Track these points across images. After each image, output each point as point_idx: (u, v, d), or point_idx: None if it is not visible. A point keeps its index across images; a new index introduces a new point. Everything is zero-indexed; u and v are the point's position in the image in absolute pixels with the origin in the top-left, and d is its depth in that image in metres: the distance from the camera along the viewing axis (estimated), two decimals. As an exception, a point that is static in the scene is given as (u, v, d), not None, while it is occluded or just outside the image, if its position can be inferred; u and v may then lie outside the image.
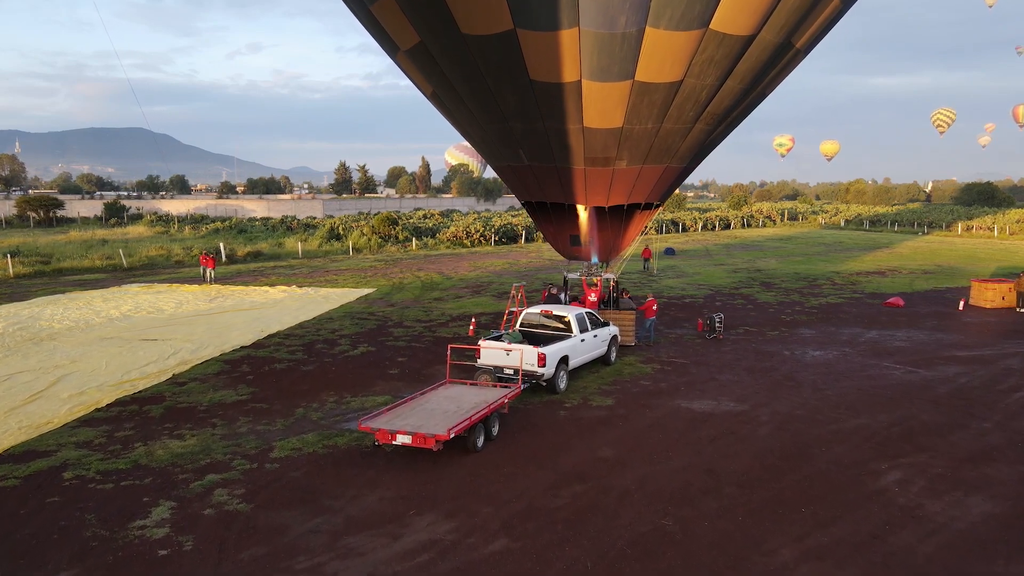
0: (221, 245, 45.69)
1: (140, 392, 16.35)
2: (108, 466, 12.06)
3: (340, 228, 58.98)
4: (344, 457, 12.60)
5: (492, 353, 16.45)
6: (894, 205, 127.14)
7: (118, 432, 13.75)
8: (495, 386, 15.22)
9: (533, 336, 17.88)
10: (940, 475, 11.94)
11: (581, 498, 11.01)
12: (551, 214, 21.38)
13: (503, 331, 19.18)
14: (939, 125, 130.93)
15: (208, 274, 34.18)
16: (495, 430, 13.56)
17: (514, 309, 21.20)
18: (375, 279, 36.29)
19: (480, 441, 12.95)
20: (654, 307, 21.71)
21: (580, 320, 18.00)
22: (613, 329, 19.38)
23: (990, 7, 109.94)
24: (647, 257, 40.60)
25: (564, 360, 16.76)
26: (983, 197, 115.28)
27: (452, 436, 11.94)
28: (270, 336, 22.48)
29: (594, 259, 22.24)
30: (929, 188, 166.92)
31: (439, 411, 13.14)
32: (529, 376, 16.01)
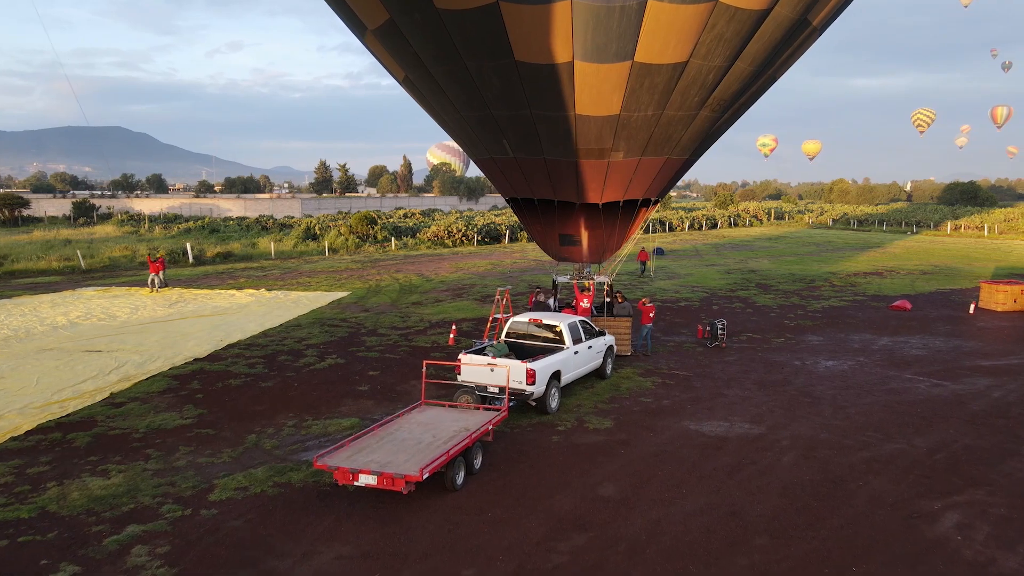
0: (188, 246, 43.32)
1: (68, 416, 14.19)
2: (8, 515, 9.95)
3: (316, 228, 56.76)
4: (297, 499, 10.57)
5: (474, 369, 14.47)
6: (878, 204, 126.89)
7: (31, 468, 11.62)
8: (478, 408, 13.24)
9: (520, 348, 15.93)
10: (1004, 518, 10.11)
11: (583, 554, 9.05)
12: (538, 212, 19.42)
13: (486, 342, 17.23)
14: (919, 125, 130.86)
15: (152, 280, 30.39)
16: (478, 462, 11.59)
17: (499, 316, 19.26)
18: (350, 281, 34.18)
19: (460, 477, 10.97)
20: (651, 314, 19.82)
21: (573, 329, 16.07)
22: (609, 339, 17.47)
23: (965, 7, 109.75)
24: (643, 260, 38.19)
25: (556, 376, 14.82)
26: (966, 196, 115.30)
27: (426, 477, 9.95)
28: (229, 346, 20.35)
29: (586, 263, 20.32)
30: (909, 188, 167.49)
31: (411, 442, 11.14)
32: (516, 395, 14.06)
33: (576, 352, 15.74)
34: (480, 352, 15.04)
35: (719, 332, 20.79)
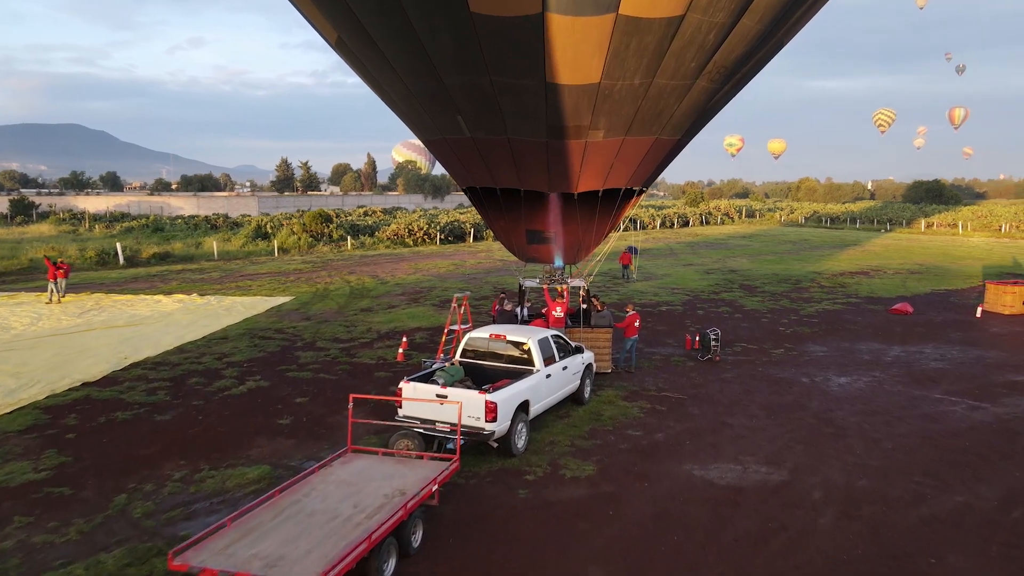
0: (118, 246, 39.49)
1: None
2: None
3: (268, 226, 53.05)
4: (155, 606, 7.40)
5: (419, 401, 11.37)
6: (845, 203, 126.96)
7: None
8: (420, 457, 10.13)
9: (479, 371, 12.88)
10: None
11: None
12: (501, 204, 16.36)
13: (438, 362, 14.14)
14: (880, 125, 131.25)
15: (51, 288, 25.99)
16: (416, 538, 8.52)
17: (456, 327, 16.17)
18: (296, 285, 30.80)
19: (390, 567, 7.89)
20: (636, 323, 16.89)
21: (544, 347, 13.05)
22: (587, 356, 14.50)
23: (921, 8, 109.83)
24: (626, 263, 33.75)
25: (524, 407, 11.79)
26: (931, 195, 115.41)
27: (333, 583, 6.84)
28: (133, 365, 16.98)
29: (558, 261, 17.33)
30: (871, 187, 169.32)
31: (323, 517, 8.02)
32: (472, 435, 11.01)
33: (548, 376, 12.72)
34: (428, 378, 11.97)
35: (712, 344, 17.94)
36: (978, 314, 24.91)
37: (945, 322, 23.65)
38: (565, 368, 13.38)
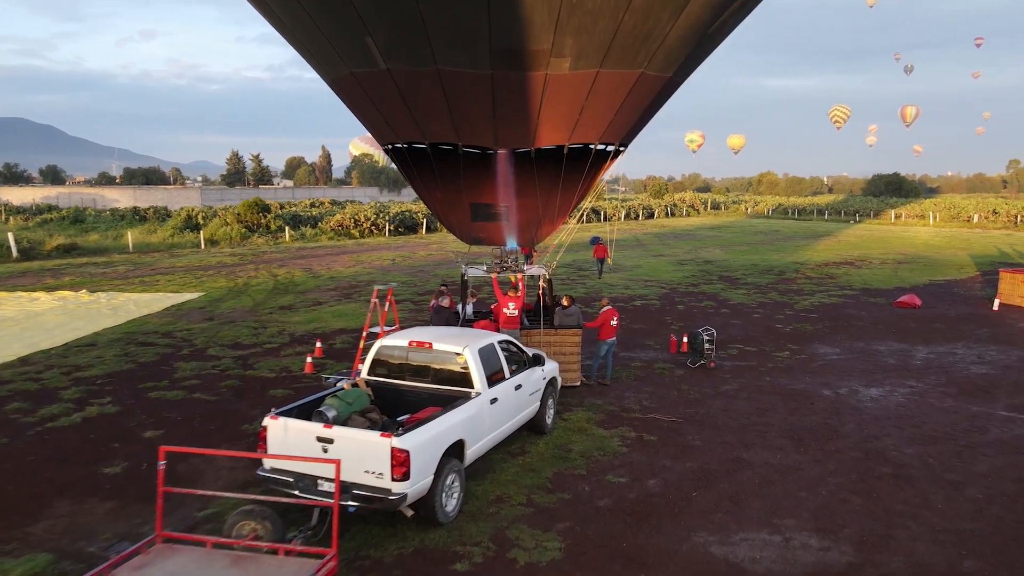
0: (11, 236, 34.57)
1: None
2: None
3: (200, 217, 48.27)
4: None
5: (293, 446, 7.40)
6: (806, 196, 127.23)
7: None
8: (274, 551, 6.15)
9: (395, 395, 8.97)
10: None
11: None
12: (434, 167, 12.40)
13: (354, 376, 10.20)
14: (836, 121, 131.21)
15: None
16: None
17: (378, 330, 12.18)
18: (212, 279, 26.48)
19: None
20: (613, 321, 13.10)
21: (488, 358, 9.15)
22: (549, 367, 10.66)
23: (871, 7, 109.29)
24: (602, 257, 28.35)
25: (455, 450, 7.90)
26: (891, 188, 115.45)
27: None
28: (-55, 385, 12.71)
29: (511, 243, 13.47)
30: (827, 181, 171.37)
31: None
32: (372, 499, 7.10)
33: (495, 400, 8.83)
34: (312, 410, 8.00)
35: (706, 347, 14.26)
36: (995, 307, 21.77)
37: (961, 316, 20.41)
38: (519, 387, 9.52)
